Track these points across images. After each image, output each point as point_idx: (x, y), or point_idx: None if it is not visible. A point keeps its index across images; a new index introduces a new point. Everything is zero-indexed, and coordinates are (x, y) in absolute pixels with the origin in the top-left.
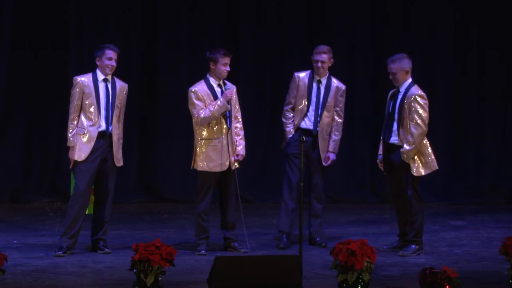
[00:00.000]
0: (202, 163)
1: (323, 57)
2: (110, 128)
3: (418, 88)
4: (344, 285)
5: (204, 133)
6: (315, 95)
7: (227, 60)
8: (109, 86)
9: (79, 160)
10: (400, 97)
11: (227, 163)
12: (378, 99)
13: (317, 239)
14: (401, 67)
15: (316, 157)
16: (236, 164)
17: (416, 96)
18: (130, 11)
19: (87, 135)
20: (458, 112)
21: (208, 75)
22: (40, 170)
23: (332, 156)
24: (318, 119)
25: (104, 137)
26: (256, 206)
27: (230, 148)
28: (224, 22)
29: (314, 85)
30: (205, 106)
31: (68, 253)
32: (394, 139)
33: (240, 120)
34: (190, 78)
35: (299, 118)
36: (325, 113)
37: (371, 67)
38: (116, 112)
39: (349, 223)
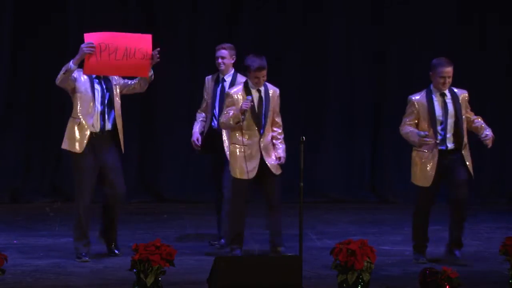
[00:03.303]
0: (233, 169)
1: (223, 53)
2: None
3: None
4: (344, 285)
5: (235, 137)
6: (218, 92)
7: (258, 74)
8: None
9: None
10: (450, 101)
11: (255, 171)
12: (378, 99)
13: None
14: (452, 71)
15: (222, 153)
16: (279, 169)
17: (467, 95)
18: (130, 10)
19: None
20: None
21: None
22: (40, 170)
23: None
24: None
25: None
26: (256, 206)
27: (262, 155)
28: (225, 12)
29: (219, 83)
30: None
31: (89, 256)
32: (450, 146)
33: (280, 124)
34: (190, 78)
35: (210, 117)
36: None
37: (371, 67)
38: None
39: (349, 223)
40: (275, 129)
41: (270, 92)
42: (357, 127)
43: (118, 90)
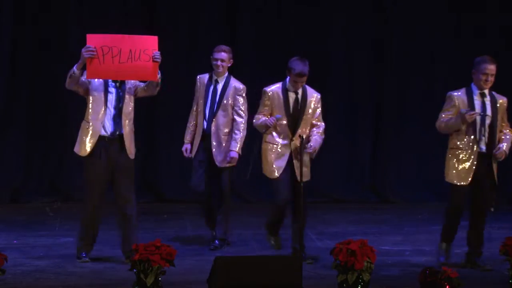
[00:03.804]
0: (265, 169)
1: (223, 56)
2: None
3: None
4: (344, 285)
5: (269, 136)
6: (211, 94)
7: (297, 79)
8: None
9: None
10: (489, 103)
11: (282, 170)
12: (378, 99)
13: (216, 242)
14: (495, 70)
15: (217, 166)
16: (304, 176)
17: (506, 102)
18: (130, 10)
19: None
20: None
21: (287, 79)
22: (40, 170)
23: (231, 154)
24: (212, 118)
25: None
26: (256, 206)
27: (293, 158)
28: (225, 12)
29: (212, 85)
30: (269, 110)
31: (89, 258)
32: (483, 149)
33: (322, 126)
34: (190, 78)
35: (201, 119)
36: (220, 112)
37: (371, 67)
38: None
39: (349, 223)
40: (315, 129)
41: (309, 96)
42: (357, 127)
43: (132, 93)
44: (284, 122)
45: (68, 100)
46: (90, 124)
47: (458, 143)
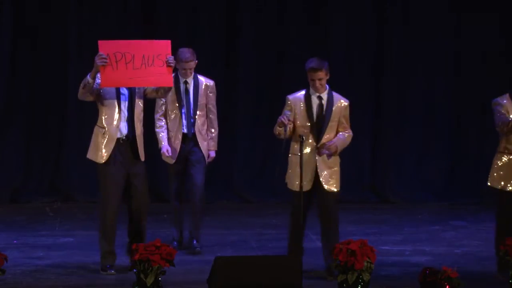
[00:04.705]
0: (290, 181)
1: (191, 65)
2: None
3: None
4: (344, 285)
5: (293, 147)
6: (184, 96)
7: (312, 76)
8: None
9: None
10: None
11: (311, 184)
12: (378, 99)
13: (194, 242)
14: None
15: (196, 159)
16: (332, 185)
17: None
18: (130, 10)
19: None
20: (458, 112)
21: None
22: (40, 170)
23: (212, 154)
24: (192, 120)
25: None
26: (256, 206)
27: (317, 168)
28: (225, 12)
29: (182, 87)
30: (292, 117)
31: (114, 269)
32: None
33: (349, 130)
34: None
35: (177, 123)
36: (198, 112)
37: (371, 67)
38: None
39: (349, 223)
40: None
41: (336, 102)
42: (357, 127)
43: (142, 94)
44: (308, 130)
45: (68, 100)
46: (106, 129)
47: (509, 146)
